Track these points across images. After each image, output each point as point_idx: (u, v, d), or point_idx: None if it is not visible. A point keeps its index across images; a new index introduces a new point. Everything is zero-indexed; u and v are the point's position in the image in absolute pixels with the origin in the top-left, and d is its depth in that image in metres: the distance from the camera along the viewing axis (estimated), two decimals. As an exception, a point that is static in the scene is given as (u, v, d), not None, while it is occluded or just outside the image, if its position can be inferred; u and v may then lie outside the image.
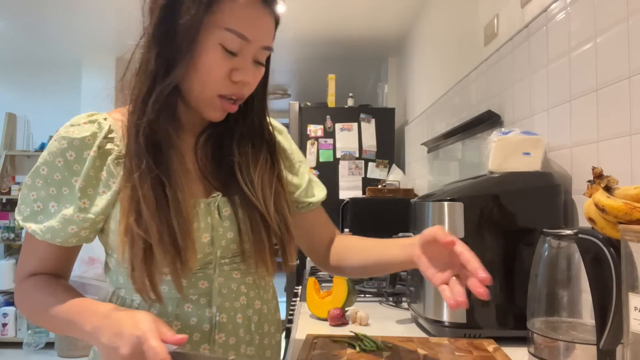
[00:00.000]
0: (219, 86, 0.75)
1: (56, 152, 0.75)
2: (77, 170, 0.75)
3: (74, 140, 0.75)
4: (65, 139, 0.75)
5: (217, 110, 0.78)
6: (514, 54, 1.53)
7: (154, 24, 0.74)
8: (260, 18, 0.75)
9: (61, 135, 0.76)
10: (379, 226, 2.44)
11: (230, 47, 0.73)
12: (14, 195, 4.41)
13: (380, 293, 1.52)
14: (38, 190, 0.76)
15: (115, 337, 0.64)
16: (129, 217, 0.71)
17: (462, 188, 1.10)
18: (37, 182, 0.76)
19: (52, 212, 0.75)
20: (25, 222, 0.76)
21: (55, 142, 0.76)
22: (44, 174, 0.75)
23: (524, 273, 0.95)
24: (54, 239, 0.75)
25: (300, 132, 3.45)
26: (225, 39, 0.72)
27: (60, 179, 0.75)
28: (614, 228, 0.71)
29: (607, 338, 0.73)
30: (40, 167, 0.75)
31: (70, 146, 0.75)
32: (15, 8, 3.30)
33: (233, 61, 0.74)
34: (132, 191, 0.72)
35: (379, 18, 3.38)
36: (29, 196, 0.76)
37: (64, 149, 0.75)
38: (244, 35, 0.73)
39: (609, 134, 1.02)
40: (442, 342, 0.96)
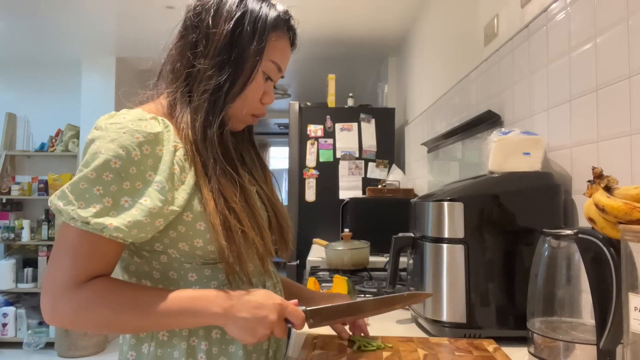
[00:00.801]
0: (255, 107, 0.89)
1: (131, 145, 0.74)
2: (152, 165, 0.75)
3: (149, 135, 0.76)
4: (140, 133, 0.75)
5: (245, 124, 0.92)
6: (514, 54, 1.53)
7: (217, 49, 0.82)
8: (289, 54, 0.92)
9: (133, 129, 0.75)
10: (379, 226, 2.44)
11: (270, 74, 0.88)
12: (14, 195, 4.41)
13: (380, 293, 1.52)
14: (106, 185, 0.72)
15: (257, 310, 0.74)
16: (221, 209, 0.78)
17: (462, 188, 1.10)
18: (106, 175, 0.72)
19: (126, 207, 0.72)
20: (99, 219, 0.70)
21: (126, 135, 0.74)
22: (116, 167, 0.72)
23: (524, 273, 0.95)
24: (139, 233, 0.73)
25: (300, 132, 3.46)
26: (269, 69, 0.87)
27: (135, 172, 0.74)
28: (614, 228, 0.71)
29: (607, 338, 0.73)
30: (110, 161, 0.72)
31: (147, 140, 0.75)
32: (15, 8, 3.30)
33: (266, 86, 0.89)
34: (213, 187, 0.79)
35: (379, 18, 3.38)
36: (92, 191, 0.71)
37: (140, 143, 0.75)
38: (281, 67, 0.90)
39: (609, 134, 1.02)
40: (441, 342, 0.96)
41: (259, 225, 0.84)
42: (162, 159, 0.77)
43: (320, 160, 3.44)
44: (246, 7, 0.84)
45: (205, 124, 0.82)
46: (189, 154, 0.81)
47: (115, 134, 0.74)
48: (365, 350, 0.89)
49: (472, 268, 1.04)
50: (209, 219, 0.77)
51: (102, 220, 0.70)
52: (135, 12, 3.32)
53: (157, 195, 0.74)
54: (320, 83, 4.16)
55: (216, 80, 0.82)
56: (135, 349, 0.82)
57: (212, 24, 0.82)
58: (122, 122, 0.76)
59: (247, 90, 0.85)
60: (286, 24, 0.90)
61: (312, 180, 3.42)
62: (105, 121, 0.77)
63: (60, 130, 4.54)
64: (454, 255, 1.05)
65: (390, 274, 1.21)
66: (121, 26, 3.69)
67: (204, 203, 0.78)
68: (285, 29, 0.89)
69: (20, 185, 4.44)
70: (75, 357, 3.92)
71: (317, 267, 2.12)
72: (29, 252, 4.45)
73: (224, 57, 0.82)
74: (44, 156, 4.61)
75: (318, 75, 4.49)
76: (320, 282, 1.79)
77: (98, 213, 0.71)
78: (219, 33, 0.82)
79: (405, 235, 1.21)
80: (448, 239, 1.05)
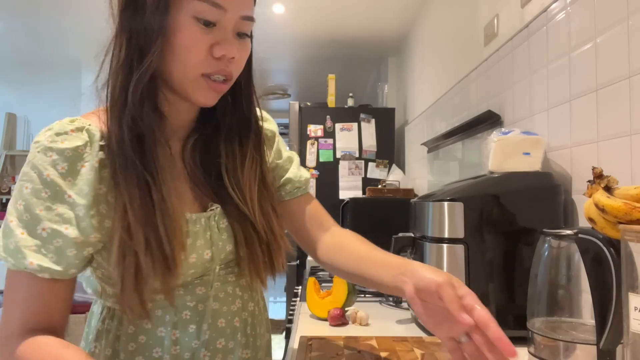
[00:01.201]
0: (201, 64, 0.69)
1: (43, 164, 0.64)
2: (70, 184, 0.65)
3: (65, 151, 0.65)
4: (54, 150, 0.64)
5: (205, 91, 0.71)
6: (514, 54, 1.53)
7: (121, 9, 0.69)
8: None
9: (47, 146, 0.64)
10: (379, 226, 2.44)
11: (207, 17, 0.67)
12: (14, 195, 4.42)
13: (380, 293, 1.52)
14: (20, 214, 0.63)
15: None
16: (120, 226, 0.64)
17: (462, 188, 1.10)
18: (19, 204, 0.63)
19: (44, 237, 0.63)
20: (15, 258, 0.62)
21: (39, 154, 0.64)
22: (27, 193, 0.63)
23: (524, 273, 0.95)
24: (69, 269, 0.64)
25: (300, 132, 3.46)
26: (199, 10, 0.66)
27: (49, 195, 0.63)
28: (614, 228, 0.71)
29: (607, 338, 0.73)
30: (22, 186, 0.63)
31: (62, 157, 0.64)
32: (15, 8, 3.31)
33: (212, 35, 0.68)
34: (119, 195, 0.65)
35: (379, 18, 3.38)
36: (8, 224, 0.63)
37: (54, 161, 0.64)
38: (218, 4, 0.67)
39: (609, 134, 1.02)
40: (436, 341, 0.96)
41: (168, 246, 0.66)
42: (83, 176, 0.65)
43: (320, 160, 3.44)
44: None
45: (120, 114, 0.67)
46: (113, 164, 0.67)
47: (32, 154, 0.65)
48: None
49: (472, 268, 1.04)
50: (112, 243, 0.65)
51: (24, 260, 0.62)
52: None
53: (79, 219, 0.64)
54: (320, 83, 4.16)
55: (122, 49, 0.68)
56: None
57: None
58: (41, 139, 0.65)
59: (175, 44, 0.67)
60: None
61: (312, 180, 3.42)
62: (35, 138, 0.67)
63: (60, 130, 4.54)
64: (454, 255, 1.05)
65: (390, 274, 1.21)
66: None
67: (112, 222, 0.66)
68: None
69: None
70: (75, 357, 3.92)
71: (317, 267, 2.12)
72: (29, 252, 4.45)
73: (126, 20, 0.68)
74: (44, 156, 4.61)
75: (318, 75, 4.49)
76: (320, 282, 1.79)
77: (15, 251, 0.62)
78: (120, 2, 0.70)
79: (405, 235, 1.21)
80: (448, 239, 1.05)
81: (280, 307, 4.82)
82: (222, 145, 0.80)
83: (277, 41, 3.82)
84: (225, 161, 0.79)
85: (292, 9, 3.24)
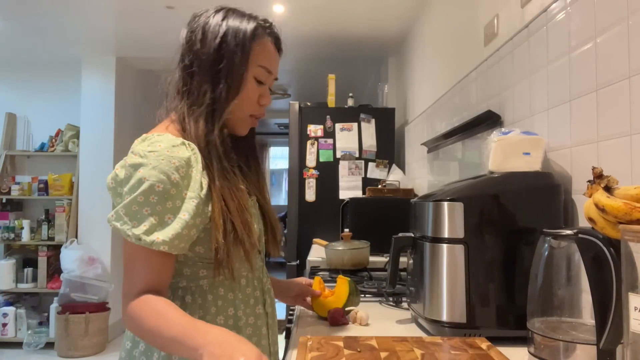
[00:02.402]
0: (252, 108, 1.00)
1: (170, 170, 0.86)
2: (187, 185, 0.88)
3: (182, 159, 0.88)
4: (176, 159, 0.87)
5: (247, 125, 1.03)
6: (514, 54, 1.53)
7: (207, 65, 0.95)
8: (276, 56, 1.03)
9: (170, 156, 0.87)
10: (379, 226, 2.44)
11: (261, 79, 0.99)
12: (14, 195, 4.41)
13: (380, 293, 1.52)
14: (153, 206, 0.84)
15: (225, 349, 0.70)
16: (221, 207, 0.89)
17: (462, 188, 1.10)
18: (152, 198, 0.84)
19: (169, 223, 0.85)
20: (148, 236, 0.83)
21: (164, 162, 0.86)
22: (160, 190, 0.85)
23: (524, 273, 0.95)
24: (179, 244, 0.85)
25: (300, 132, 3.46)
26: (258, 74, 0.99)
27: (175, 193, 0.86)
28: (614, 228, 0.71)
29: (607, 338, 0.73)
30: (154, 185, 0.84)
31: (181, 165, 0.87)
32: (15, 8, 3.30)
33: (260, 89, 1.00)
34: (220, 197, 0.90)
35: (379, 18, 3.38)
36: (142, 212, 0.84)
37: (177, 167, 0.87)
38: (269, 70, 1.00)
39: (609, 134, 1.02)
40: (436, 341, 0.97)
41: (247, 223, 0.93)
42: (193, 178, 0.89)
43: (320, 160, 3.44)
44: (228, 25, 0.97)
45: (207, 131, 0.94)
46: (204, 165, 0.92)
47: (156, 161, 0.86)
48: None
49: (472, 268, 1.04)
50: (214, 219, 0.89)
51: (152, 237, 0.83)
52: (135, 12, 3.32)
53: (193, 209, 0.87)
54: (320, 83, 4.16)
55: (211, 92, 0.95)
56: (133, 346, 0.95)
57: (201, 45, 0.96)
58: (158, 150, 0.87)
59: (242, 95, 0.97)
60: (266, 31, 1.00)
61: (312, 180, 3.42)
62: (143, 148, 0.88)
63: (60, 130, 4.54)
64: (454, 255, 1.05)
65: (390, 274, 1.21)
66: (121, 26, 3.69)
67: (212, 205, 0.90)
68: (267, 36, 1.00)
69: (20, 185, 4.44)
70: (75, 357, 3.92)
71: (317, 267, 2.12)
72: (29, 252, 4.45)
73: (214, 72, 0.95)
74: (44, 156, 4.61)
75: (318, 75, 4.49)
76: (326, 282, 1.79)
77: (148, 230, 0.84)
78: (207, 52, 0.95)
79: (405, 235, 1.21)
80: (448, 239, 1.05)
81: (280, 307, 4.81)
82: (244, 163, 1.07)
83: (277, 41, 3.81)
84: (251, 175, 1.08)
85: (292, 8, 3.23)
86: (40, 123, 4.65)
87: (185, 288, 0.94)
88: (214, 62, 0.95)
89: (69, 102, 4.58)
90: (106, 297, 4.07)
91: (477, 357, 0.86)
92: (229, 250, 0.89)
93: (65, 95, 4.64)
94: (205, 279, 0.94)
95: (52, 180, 4.40)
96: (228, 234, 0.89)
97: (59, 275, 4.12)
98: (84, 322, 3.90)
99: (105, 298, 4.07)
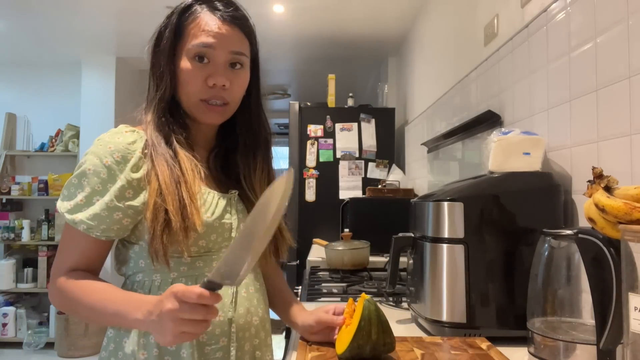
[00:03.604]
0: (199, 92, 0.92)
1: (104, 153, 0.86)
2: (121, 168, 0.86)
3: (120, 144, 0.87)
4: (112, 143, 0.87)
5: (205, 112, 0.94)
6: (514, 54, 1.53)
7: (150, 55, 0.96)
8: (220, 27, 0.92)
9: (108, 141, 0.88)
10: (379, 226, 2.44)
11: (198, 53, 0.91)
12: (14, 195, 4.41)
13: (380, 293, 1.52)
14: (83, 187, 0.86)
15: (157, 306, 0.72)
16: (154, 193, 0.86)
17: (462, 188, 1.10)
18: (83, 180, 0.86)
19: (95, 203, 0.85)
20: (71, 214, 0.85)
21: (101, 147, 0.87)
22: (90, 172, 0.86)
23: (524, 273, 0.95)
24: (99, 225, 0.85)
25: (300, 132, 3.46)
26: (192, 50, 0.91)
27: (106, 175, 0.86)
28: (614, 228, 0.71)
29: (607, 338, 0.73)
30: (87, 168, 0.86)
31: (117, 149, 0.87)
32: (15, 8, 3.30)
33: (207, 69, 0.91)
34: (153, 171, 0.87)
35: (379, 18, 3.38)
36: (75, 194, 0.86)
37: (112, 151, 0.86)
38: (205, 43, 0.90)
39: (609, 134, 1.02)
40: (436, 341, 0.97)
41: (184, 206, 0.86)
42: (130, 162, 0.87)
43: (320, 160, 3.44)
44: (167, 16, 0.95)
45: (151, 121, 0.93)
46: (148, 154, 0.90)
47: (95, 147, 0.88)
48: None
49: (472, 268, 1.04)
50: (148, 203, 0.86)
51: (74, 215, 0.85)
52: (135, 11, 3.32)
53: (116, 192, 0.85)
54: (320, 83, 4.16)
55: (154, 85, 0.95)
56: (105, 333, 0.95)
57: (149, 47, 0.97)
58: (102, 137, 0.89)
59: (180, 78, 0.93)
60: (197, 2, 0.94)
61: (312, 180, 3.42)
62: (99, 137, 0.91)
63: (60, 130, 4.54)
64: (454, 255, 1.05)
65: (390, 274, 1.21)
66: (121, 26, 3.69)
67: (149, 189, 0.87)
68: (198, 6, 0.94)
69: (20, 185, 4.44)
70: (75, 357, 3.92)
71: (317, 267, 2.12)
72: (29, 252, 4.45)
73: (154, 63, 0.95)
74: (44, 156, 4.61)
75: (318, 75, 4.49)
76: (320, 282, 1.79)
77: (73, 209, 0.86)
78: (151, 49, 0.96)
79: (405, 235, 1.21)
80: (448, 239, 1.05)
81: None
82: (238, 157, 1.02)
83: (277, 41, 3.82)
84: (243, 170, 1.01)
85: (292, 8, 3.23)
86: (40, 123, 4.65)
87: (140, 282, 0.91)
88: (154, 54, 0.96)
89: (69, 102, 4.58)
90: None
91: (477, 357, 0.87)
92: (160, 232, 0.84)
93: (65, 95, 4.64)
94: (157, 272, 0.89)
95: (52, 180, 4.40)
96: (159, 215, 0.84)
97: (59, 275, 4.12)
98: (84, 322, 3.90)
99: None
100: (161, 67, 0.93)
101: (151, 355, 0.86)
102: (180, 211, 0.85)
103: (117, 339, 0.90)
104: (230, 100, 0.95)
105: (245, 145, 1.02)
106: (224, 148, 1.03)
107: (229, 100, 0.94)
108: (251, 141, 1.03)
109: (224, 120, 0.97)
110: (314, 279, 1.84)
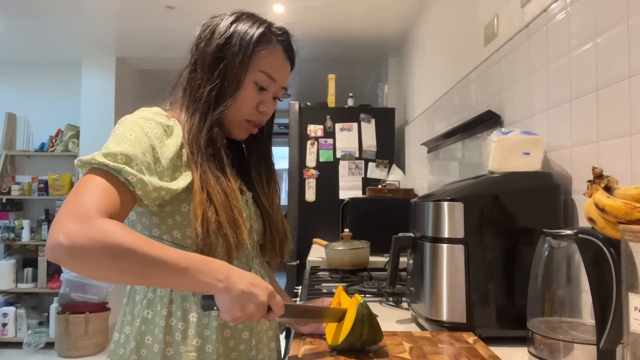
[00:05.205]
0: (249, 113, 1.00)
1: (146, 122, 0.88)
2: (159, 146, 0.87)
3: (161, 123, 0.90)
4: (153, 120, 0.90)
5: (243, 131, 1.02)
6: (514, 54, 1.53)
7: (208, 63, 0.97)
8: (284, 65, 1.02)
9: (149, 116, 0.90)
10: (379, 226, 2.44)
11: (263, 84, 0.99)
12: (14, 195, 4.41)
13: (380, 293, 1.52)
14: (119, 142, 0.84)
15: (252, 287, 0.77)
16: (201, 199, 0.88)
17: (462, 188, 1.10)
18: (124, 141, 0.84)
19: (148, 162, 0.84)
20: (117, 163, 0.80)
21: (142, 120, 0.88)
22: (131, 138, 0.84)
23: (524, 273, 0.95)
24: (144, 187, 0.81)
25: (300, 132, 3.46)
26: (260, 79, 0.98)
27: (146, 145, 0.85)
28: (614, 228, 0.71)
29: (607, 338, 0.73)
30: (129, 129, 0.86)
31: (157, 125, 0.89)
32: (15, 8, 3.30)
33: (261, 96, 0.99)
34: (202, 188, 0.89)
35: (379, 18, 3.38)
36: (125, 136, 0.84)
37: (152, 126, 0.88)
38: (272, 76, 0.99)
39: (609, 134, 1.02)
40: (424, 335, 0.99)
41: (234, 218, 0.91)
42: (169, 145, 0.89)
43: (320, 160, 3.44)
44: (236, 27, 0.98)
45: (198, 127, 0.95)
46: (188, 153, 0.93)
47: (134, 116, 0.90)
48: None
49: (472, 268, 1.04)
50: (194, 209, 0.88)
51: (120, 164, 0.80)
52: (135, 12, 3.32)
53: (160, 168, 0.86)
54: (320, 83, 4.16)
55: (209, 91, 0.96)
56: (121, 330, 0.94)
57: (206, 44, 0.97)
58: (140, 113, 0.91)
59: (238, 97, 0.97)
60: (278, 38, 1.01)
61: (312, 180, 3.42)
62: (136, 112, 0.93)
63: (60, 130, 4.54)
64: (454, 255, 1.05)
65: (390, 274, 1.21)
66: (121, 26, 3.69)
67: (194, 194, 0.90)
68: (275, 42, 1.00)
69: (20, 185, 4.44)
70: (75, 357, 3.92)
71: (317, 267, 2.12)
72: (29, 252, 4.45)
73: (213, 70, 0.96)
74: (44, 156, 4.61)
75: (318, 75, 4.49)
76: (320, 282, 1.79)
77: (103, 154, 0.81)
78: (210, 50, 0.97)
79: (405, 235, 1.21)
80: (448, 239, 1.05)
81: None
82: (252, 165, 1.09)
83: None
84: (255, 176, 1.08)
85: (292, 9, 3.23)
86: (40, 123, 4.65)
87: None
88: (216, 60, 0.96)
89: (69, 102, 4.58)
90: (106, 297, 4.07)
91: (462, 350, 0.89)
92: (210, 243, 0.87)
93: (65, 95, 4.64)
94: None
95: (52, 180, 4.40)
96: (210, 224, 0.87)
97: (59, 275, 4.12)
98: (84, 322, 3.90)
99: (105, 298, 4.07)
100: (233, 72, 0.96)
101: (177, 352, 0.89)
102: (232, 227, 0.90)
103: (139, 337, 0.90)
104: (263, 124, 1.06)
105: (257, 158, 1.11)
106: (236, 156, 1.08)
107: (262, 124, 1.06)
108: (260, 156, 1.11)
109: None
110: (314, 279, 1.84)
